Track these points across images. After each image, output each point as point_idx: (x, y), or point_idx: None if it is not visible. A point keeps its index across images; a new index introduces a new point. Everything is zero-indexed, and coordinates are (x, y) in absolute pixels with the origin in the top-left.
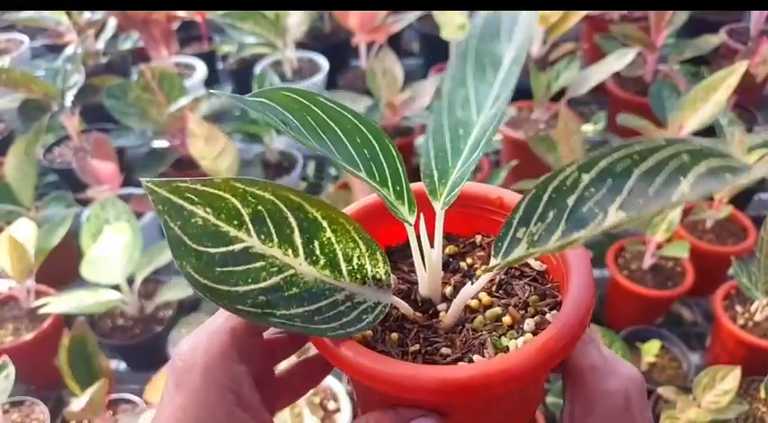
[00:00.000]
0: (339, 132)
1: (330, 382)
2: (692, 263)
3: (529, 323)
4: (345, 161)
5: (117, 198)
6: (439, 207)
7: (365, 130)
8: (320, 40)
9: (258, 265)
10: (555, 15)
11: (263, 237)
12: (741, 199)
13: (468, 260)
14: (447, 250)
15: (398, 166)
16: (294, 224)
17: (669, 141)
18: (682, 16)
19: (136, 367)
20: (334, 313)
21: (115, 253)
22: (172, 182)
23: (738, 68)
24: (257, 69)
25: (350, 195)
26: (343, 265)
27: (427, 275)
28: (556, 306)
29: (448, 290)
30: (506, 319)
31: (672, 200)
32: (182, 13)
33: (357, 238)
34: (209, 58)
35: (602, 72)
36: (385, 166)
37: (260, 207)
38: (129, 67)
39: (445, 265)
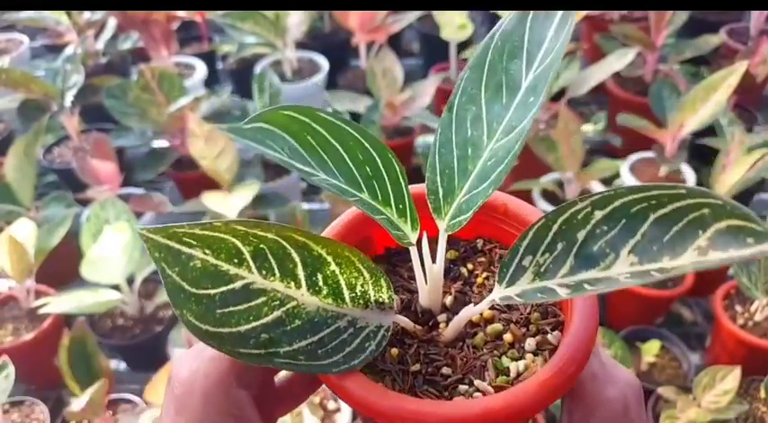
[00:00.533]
0: (341, 149)
1: None
2: None
3: (530, 343)
4: (347, 181)
5: (117, 198)
6: (443, 227)
7: (367, 145)
8: (320, 40)
9: (260, 300)
10: None
11: (264, 272)
12: (741, 199)
13: (470, 265)
14: (448, 255)
15: (401, 181)
16: (297, 259)
17: (690, 192)
18: (682, 16)
19: (136, 367)
20: (337, 343)
21: (115, 253)
22: (169, 228)
23: (738, 68)
24: (257, 69)
25: None
26: (347, 293)
27: (428, 288)
28: (557, 326)
29: (448, 299)
30: (507, 337)
31: (687, 251)
32: (182, 13)
33: (362, 267)
34: (209, 58)
35: (602, 72)
36: (387, 182)
37: (262, 245)
38: (128, 67)
39: (446, 272)
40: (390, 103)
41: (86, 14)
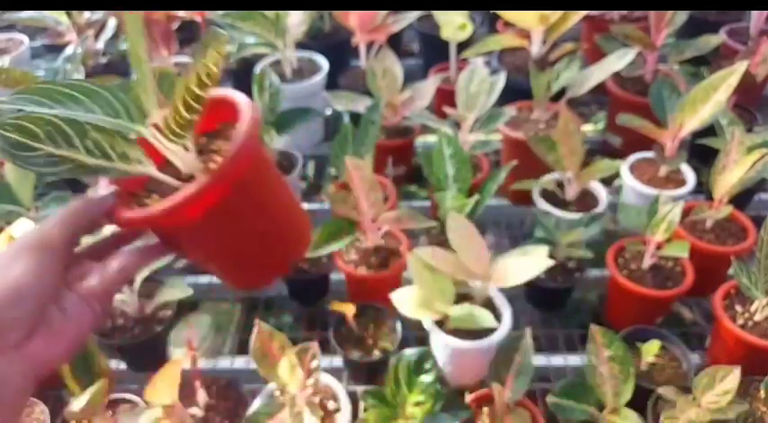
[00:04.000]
0: None
1: (330, 381)
2: (692, 263)
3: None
4: None
5: None
6: None
7: None
8: (320, 40)
9: (55, 160)
10: (555, 15)
11: (55, 143)
12: (741, 199)
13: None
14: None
15: None
16: (72, 133)
17: None
18: (682, 16)
19: (136, 367)
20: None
21: None
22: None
23: (738, 68)
24: (257, 69)
25: (349, 195)
26: (113, 154)
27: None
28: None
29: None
30: None
31: None
32: (182, 13)
33: (114, 133)
34: None
35: (602, 72)
36: None
37: (48, 127)
38: (129, 67)
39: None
40: (390, 103)
41: (86, 14)
